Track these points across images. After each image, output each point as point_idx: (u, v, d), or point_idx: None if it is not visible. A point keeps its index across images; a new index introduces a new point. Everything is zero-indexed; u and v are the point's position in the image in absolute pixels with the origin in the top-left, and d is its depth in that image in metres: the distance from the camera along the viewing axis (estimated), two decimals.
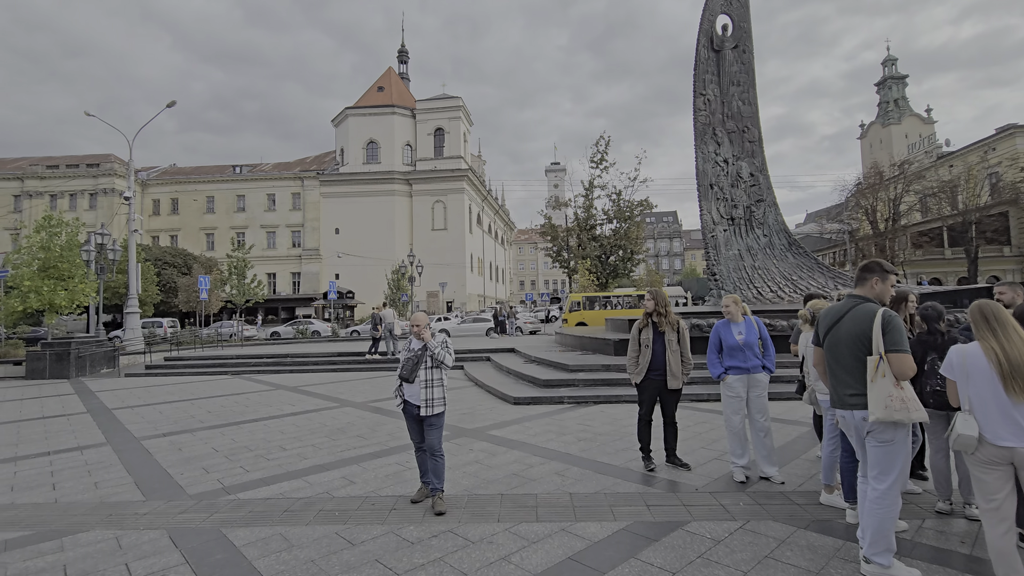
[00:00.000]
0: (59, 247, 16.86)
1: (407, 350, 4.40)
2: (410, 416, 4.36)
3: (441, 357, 4.25)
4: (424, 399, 4.22)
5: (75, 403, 10.47)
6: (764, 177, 17.56)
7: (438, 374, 4.30)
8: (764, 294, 15.62)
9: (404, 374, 4.28)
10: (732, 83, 18.26)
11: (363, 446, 6.27)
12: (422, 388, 4.23)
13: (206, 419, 8.25)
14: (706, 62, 18.32)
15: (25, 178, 58.76)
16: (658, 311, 5.07)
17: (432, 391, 4.24)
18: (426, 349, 4.28)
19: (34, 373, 15.10)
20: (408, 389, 4.33)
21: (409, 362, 4.27)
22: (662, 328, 5.03)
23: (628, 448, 5.79)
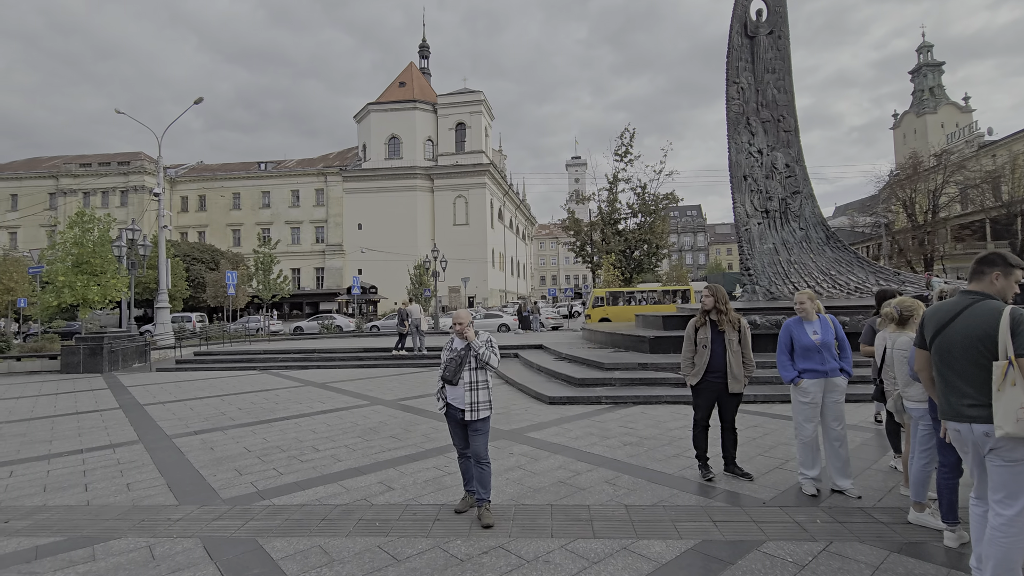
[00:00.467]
0: (92, 243, 17.09)
1: (448, 350, 4.09)
2: (453, 420, 4.07)
3: (486, 358, 3.94)
4: (469, 402, 3.92)
5: (108, 398, 10.50)
6: (800, 168, 16.89)
7: (483, 376, 4.00)
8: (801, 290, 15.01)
9: (447, 376, 3.98)
10: (767, 70, 17.58)
11: (398, 448, 6.02)
12: (466, 391, 3.93)
13: (237, 416, 8.12)
14: (739, 49, 17.69)
15: (60, 176, 60.43)
16: (718, 308, 4.69)
17: (477, 394, 3.94)
18: (470, 349, 3.97)
19: (69, 367, 15.33)
20: (451, 391, 4.03)
21: (452, 363, 3.98)
22: (722, 327, 4.65)
23: (679, 454, 5.43)
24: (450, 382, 3.97)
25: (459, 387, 3.96)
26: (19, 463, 5.94)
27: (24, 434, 7.45)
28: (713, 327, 4.70)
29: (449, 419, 4.10)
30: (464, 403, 3.93)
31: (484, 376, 4.00)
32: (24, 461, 6.01)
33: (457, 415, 4.00)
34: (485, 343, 3.99)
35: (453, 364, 3.96)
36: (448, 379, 3.97)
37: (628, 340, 12.30)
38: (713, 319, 4.72)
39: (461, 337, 4.02)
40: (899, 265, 36.10)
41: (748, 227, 16.35)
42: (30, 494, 4.88)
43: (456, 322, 4.01)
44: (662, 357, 10.33)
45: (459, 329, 4.00)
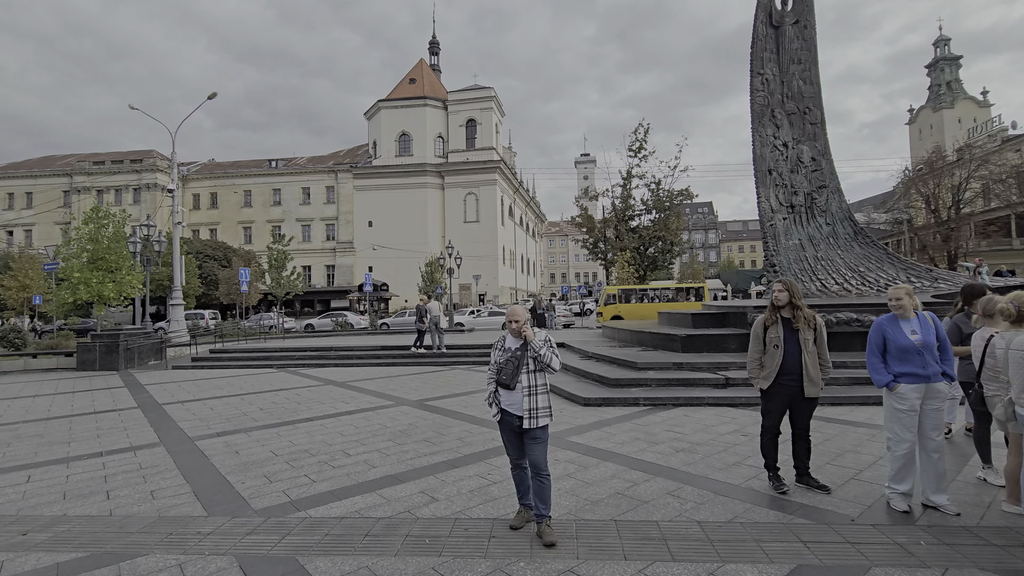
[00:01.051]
0: (106, 239, 16.92)
1: (501, 349, 3.71)
2: (508, 428, 3.69)
3: (547, 359, 3.55)
4: (527, 408, 3.53)
5: (125, 397, 10.25)
6: (827, 161, 16.41)
7: (542, 379, 3.61)
8: (829, 287, 14.57)
9: (503, 379, 3.57)
10: (792, 61, 17.09)
11: (433, 452, 5.67)
12: (524, 396, 3.54)
13: (259, 417, 7.82)
14: (764, 39, 17.20)
15: (73, 174, 60.79)
16: (793, 304, 4.28)
17: (536, 399, 3.56)
18: (526, 349, 3.58)
19: (84, 364, 15.15)
20: (506, 396, 3.64)
21: (508, 364, 3.57)
22: (797, 325, 4.24)
23: (739, 463, 5.03)
24: (507, 386, 3.56)
25: (516, 392, 3.57)
26: (37, 467, 5.66)
27: (42, 435, 7.18)
28: (786, 325, 4.29)
29: (503, 427, 3.72)
30: (522, 409, 3.55)
31: (543, 379, 3.62)
32: (42, 464, 5.73)
33: (513, 422, 3.63)
34: (544, 342, 3.60)
35: (510, 366, 3.55)
36: (505, 383, 3.57)
37: (657, 339, 11.88)
38: (786, 316, 4.31)
39: (517, 336, 3.64)
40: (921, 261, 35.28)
41: (773, 222, 15.91)
42: (49, 502, 4.58)
43: (512, 319, 3.62)
44: (697, 356, 9.91)
45: (515, 327, 3.60)
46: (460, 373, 12.14)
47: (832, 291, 14.25)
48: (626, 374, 8.99)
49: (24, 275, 32.81)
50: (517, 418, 3.59)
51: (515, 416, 3.60)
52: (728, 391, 8.06)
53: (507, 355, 3.63)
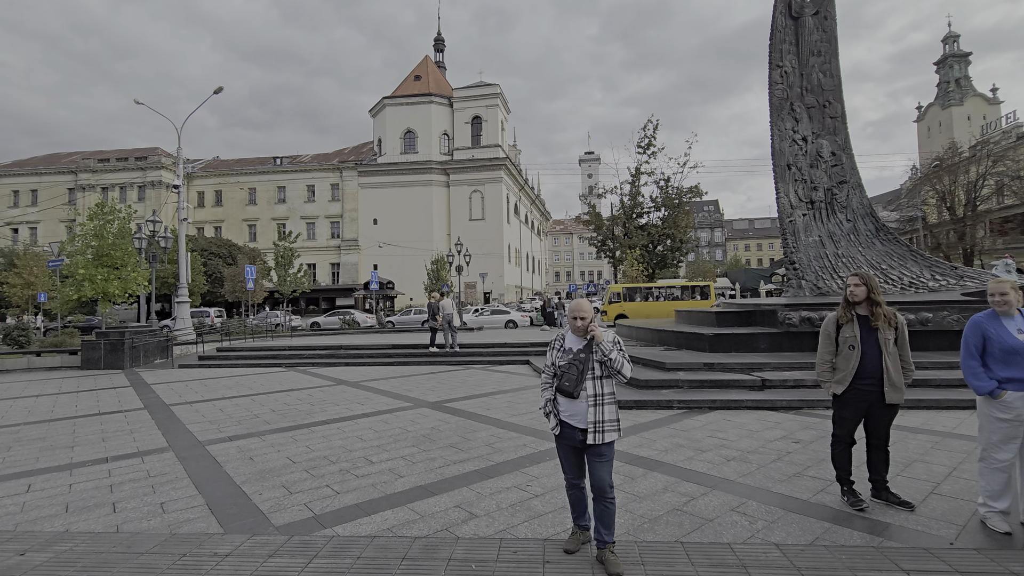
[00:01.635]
0: (111, 235, 16.58)
1: (561, 351, 3.23)
2: (568, 443, 3.22)
3: (618, 365, 3.09)
4: (593, 421, 3.08)
5: (131, 397, 9.89)
6: (847, 156, 15.97)
7: (609, 387, 3.15)
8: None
9: (566, 386, 3.09)
10: (812, 53, 16.64)
11: (462, 460, 5.27)
12: (589, 406, 3.09)
13: (272, 419, 7.43)
14: (783, 30, 16.75)
15: (78, 172, 60.64)
16: (872, 300, 3.85)
17: (602, 410, 3.10)
18: (591, 351, 3.13)
19: (89, 363, 14.82)
20: (567, 406, 3.18)
21: (571, 369, 3.09)
22: (876, 323, 3.81)
23: (799, 473, 4.61)
24: (569, 394, 3.09)
25: (579, 401, 3.12)
26: (38, 474, 5.28)
27: (44, 438, 6.81)
28: (863, 324, 3.86)
29: (562, 441, 3.27)
30: (586, 422, 3.10)
31: (610, 387, 3.16)
32: (44, 472, 5.35)
33: (575, 437, 3.16)
34: (614, 344, 3.15)
35: (574, 371, 3.08)
36: (568, 390, 3.09)
37: (681, 338, 11.45)
38: (862, 314, 3.88)
39: (581, 335, 3.18)
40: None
41: (792, 218, 15.49)
42: (50, 515, 4.19)
43: (576, 315, 3.18)
44: (726, 356, 9.49)
45: (581, 325, 3.15)
46: (476, 373, 11.75)
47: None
48: (655, 375, 8.57)
49: (29, 272, 32.58)
50: (579, 432, 3.14)
51: (577, 429, 3.15)
52: (765, 393, 7.63)
53: (568, 357, 3.16)
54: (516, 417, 7.11)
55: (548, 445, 5.69)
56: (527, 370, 12.06)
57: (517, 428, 6.51)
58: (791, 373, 8.36)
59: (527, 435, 6.15)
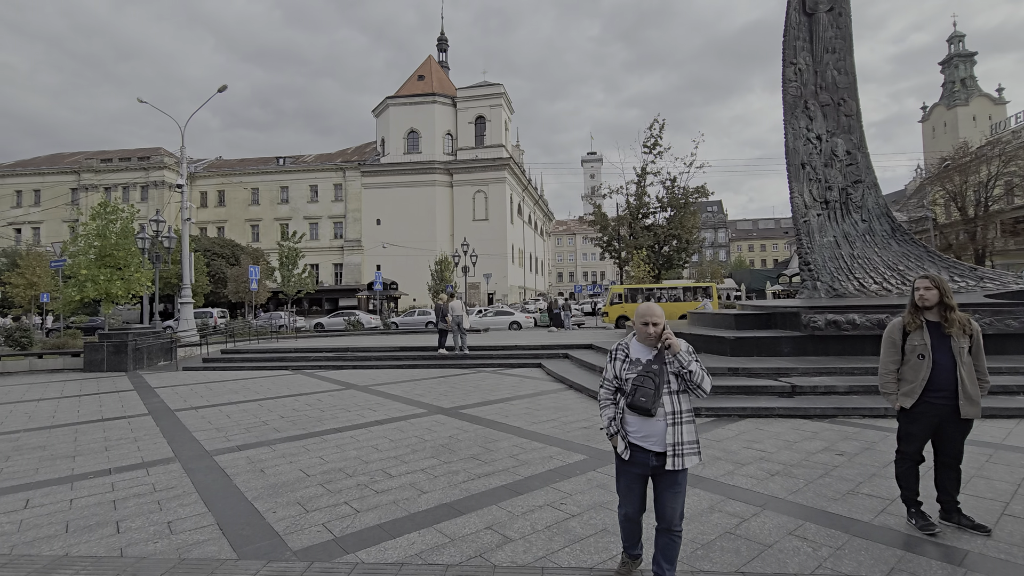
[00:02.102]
0: (114, 235, 16.30)
1: (627, 361, 2.80)
2: (637, 470, 2.78)
3: (698, 378, 2.70)
4: (672, 442, 2.68)
5: (135, 401, 9.59)
6: (863, 155, 15.68)
7: (687, 403, 2.75)
8: (867, 286, 13.82)
9: (642, 402, 2.64)
10: (826, 50, 16.36)
11: (487, 474, 4.95)
12: (668, 425, 2.69)
13: (281, 427, 7.12)
14: (797, 27, 16.47)
15: (81, 172, 60.53)
16: (945, 304, 3.53)
17: (682, 430, 2.70)
18: (664, 362, 2.71)
19: (92, 365, 14.54)
20: (639, 426, 2.73)
21: (647, 382, 2.65)
22: (949, 330, 3.48)
23: (853, 491, 4.29)
24: (647, 412, 2.64)
25: (657, 420, 2.69)
26: (37, 487, 4.98)
27: (44, 446, 6.51)
28: (934, 331, 3.53)
29: (629, 468, 2.81)
30: (664, 444, 2.69)
31: (688, 403, 2.76)
32: (43, 485, 5.05)
33: (647, 462, 2.74)
34: (689, 353, 2.75)
35: (649, 385, 2.65)
36: (644, 407, 2.64)
37: (698, 341, 11.11)
38: (932, 320, 3.56)
39: (652, 344, 2.77)
40: None
41: (807, 219, 15.20)
42: (49, 536, 3.89)
43: (648, 320, 2.74)
44: (749, 361, 9.17)
45: (654, 331, 2.73)
46: (488, 376, 11.43)
47: (871, 291, 13.54)
48: None
49: (31, 273, 32.37)
50: (653, 456, 2.72)
51: (650, 453, 2.73)
52: (796, 400, 7.31)
53: (638, 369, 2.74)
54: (537, 425, 6.80)
55: (576, 457, 5.38)
56: (540, 373, 11.75)
57: (540, 438, 6.19)
58: (821, 379, 8.03)
59: (552, 445, 5.84)
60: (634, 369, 2.75)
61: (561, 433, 6.35)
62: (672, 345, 2.70)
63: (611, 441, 2.85)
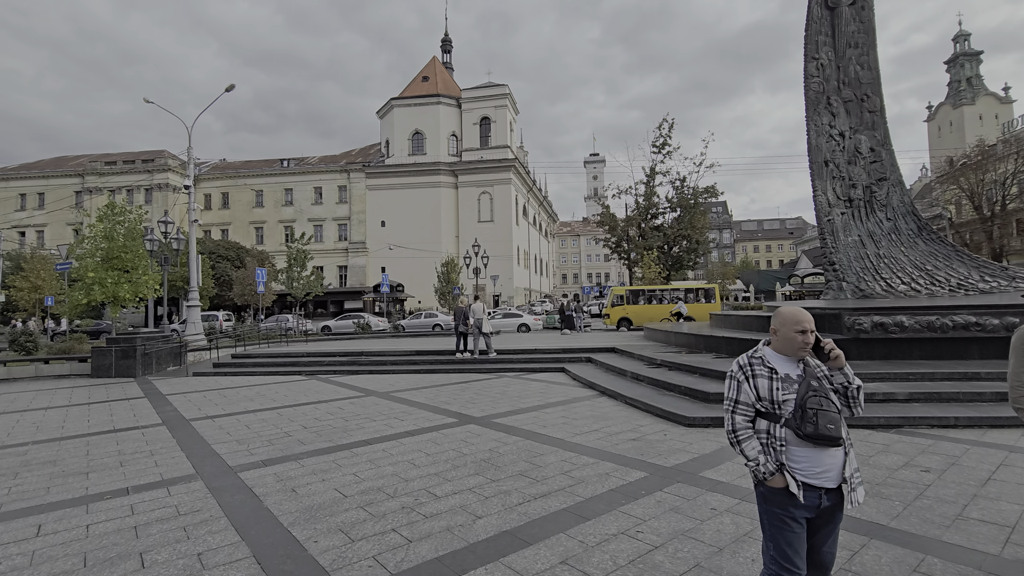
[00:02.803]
0: (121, 236, 15.90)
1: (774, 379, 2.25)
2: (806, 512, 2.21)
3: (862, 396, 2.26)
4: (848, 474, 2.21)
5: (147, 410, 9.17)
6: (887, 152, 15.27)
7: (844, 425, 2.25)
8: (895, 287, 13.37)
9: (830, 430, 2.13)
10: (849, 45, 16.00)
11: (543, 495, 4.50)
12: (844, 454, 2.22)
13: (306, 439, 6.68)
14: (819, 21, 16.10)
15: (85, 174, 60.29)
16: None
17: (852, 457, 2.25)
18: (821, 379, 2.23)
19: (99, 371, 14.12)
20: (815, 459, 2.18)
21: (827, 403, 2.16)
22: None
23: (962, 515, 3.83)
24: (833, 440, 2.15)
25: (836, 449, 2.20)
26: (50, 510, 4.55)
27: (55, 461, 6.09)
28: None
29: (797, 511, 2.21)
30: (838, 477, 2.20)
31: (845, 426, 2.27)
32: (56, 507, 4.62)
33: (818, 502, 2.20)
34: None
35: (832, 407, 2.17)
36: (830, 435, 2.13)
37: (734, 344, 10.65)
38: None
39: (799, 354, 2.27)
40: None
41: (831, 217, 14.78)
42: (66, 571, 3.44)
43: (805, 327, 2.25)
44: None
45: (802, 341, 2.24)
46: (512, 382, 10.98)
47: (899, 291, 13.12)
48: (719, 387, 7.79)
49: (36, 276, 32.01)
50: (823, 493, 2.20)
51: (819, 491, 2.19)
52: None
53: (797, 387, 2.22)
54: (580, 437, 6.34)
55: (635, 474, 4.93)
56: (565, 378, 11.29)
57: (587, 451, 5.74)
58: (876, 385, 7.56)
59: (604, 460, 5.39)
60: (789, 388, 2.23)
61: (609, 446, 5.90)
62: (840, 357, 2.24)
63: (768, 481, 2.24)
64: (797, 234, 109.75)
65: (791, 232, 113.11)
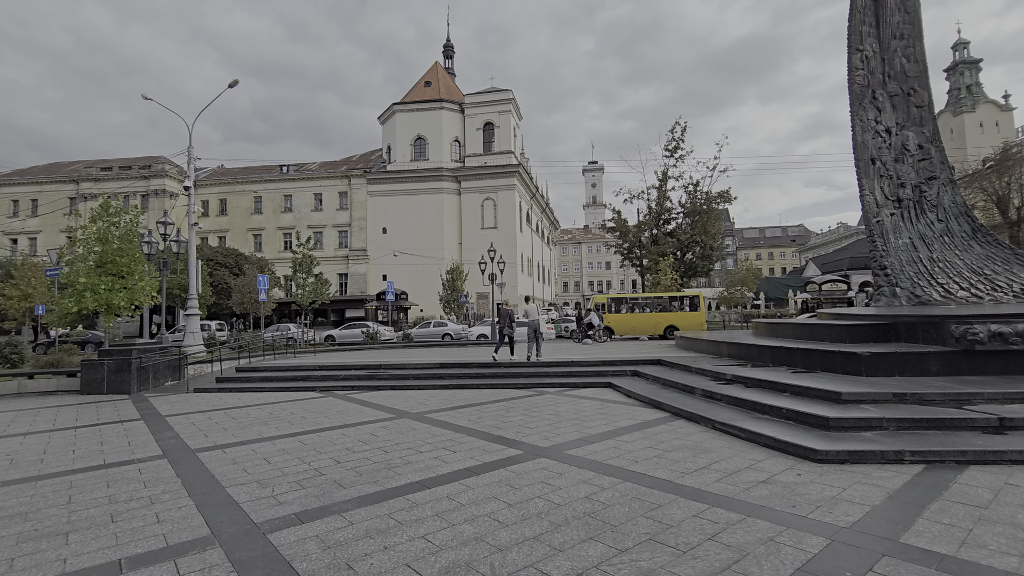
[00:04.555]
0: (117, 239, 14.57)
1: None
2: None
3: None
4: None
5: (144, 437, 7.83)
6: (937, 150, 14.22)
7: None
8: (954, 293, 12.19)
9: None
10: (893, 36, 15.00)
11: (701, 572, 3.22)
12: None
13: (344, 479, 5.37)
14: (863, 11, 15.13)
15: (80, 180, 58.93)
16: None
17: None
18: None
19: (90, 386, 12.76)
20: None
21: None
22: None
23: None
24: None
25: None
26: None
27: (26, 514, 4.76)
28: None
29: None
30: None
31: None
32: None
33: None
34: None
35: None
36: None
37: (812, 357, 9.39)
38: None
39: None
40: None
41: (880, 219, 13.70)
42: None
43: None
44: (893, 382, 7.48)
45: None
46: (560, 400, 9.68)
47: (959, 298, 11.93)
48: (833, 411, 6.52)
49: (26, 283, 30.56)
50: None
51: None
52: (1009, 437, 5.61)
53: None
54: (691, 478, 5.06)
55: (813, 542, 3.63)
56: (618, 396, 10.01)
57: (717, 500, 4.45)
58: (1017, 407, 6.34)
59: (751, 516, 4.08)
60: None
61: (738, 492, 4.61)
62: None
63: None
64: (800, 241, 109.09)
65: (793, 240, 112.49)
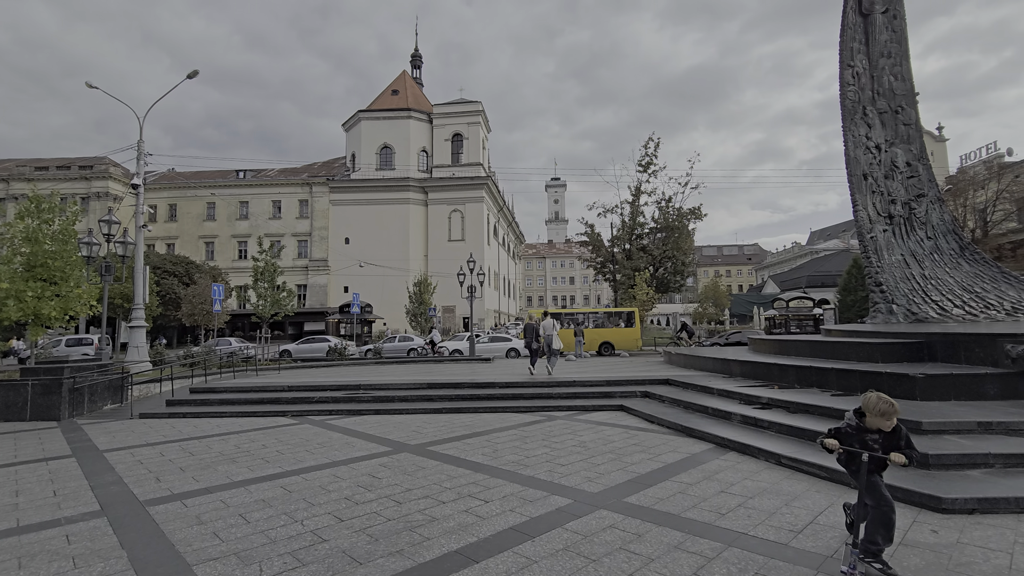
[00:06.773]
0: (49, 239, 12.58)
1: None
2: None
3: None
4: None
5: (75, 482, 6.19)
6: (924, 167, 14.27)
7: None
8: (949, 310, 11.96)
9: None
10: (882, 54, 15.10)
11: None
12: None
13: (357, 549, 4.05)
14: (853, 28, 15.19)
15: (11, 180, 54.12)
16: None
17: None
18: None
19: (10, 411, 10.74)
20: None
21: None
22: None
23: None
24: None
25: None
26: None
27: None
28: None
29: None
30: None
31: None
32: None
33: None
34: None
35: None
36: None
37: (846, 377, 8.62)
38: None
39: None
40: None
41: (873, 234, 13.49)
42: None
43: None
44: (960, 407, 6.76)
45: None
46: (577, 427, 8.54)
47: (954, 316, 11.69)
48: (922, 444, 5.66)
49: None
50: None
51: None
52: None
53: None
54: (805, 538, 4.02)
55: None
56: (638, 421, 8.97)
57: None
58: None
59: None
60: None
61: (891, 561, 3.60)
62: None
63: None
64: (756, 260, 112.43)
65: (749, 258, 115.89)
